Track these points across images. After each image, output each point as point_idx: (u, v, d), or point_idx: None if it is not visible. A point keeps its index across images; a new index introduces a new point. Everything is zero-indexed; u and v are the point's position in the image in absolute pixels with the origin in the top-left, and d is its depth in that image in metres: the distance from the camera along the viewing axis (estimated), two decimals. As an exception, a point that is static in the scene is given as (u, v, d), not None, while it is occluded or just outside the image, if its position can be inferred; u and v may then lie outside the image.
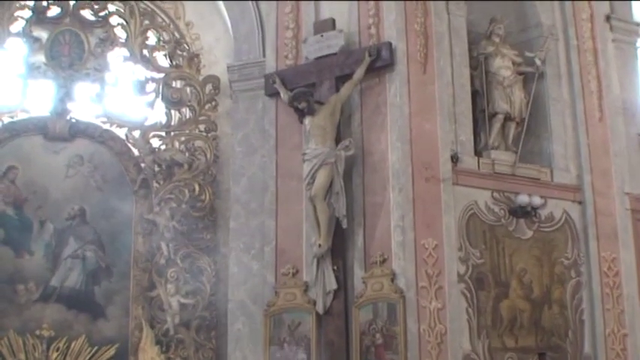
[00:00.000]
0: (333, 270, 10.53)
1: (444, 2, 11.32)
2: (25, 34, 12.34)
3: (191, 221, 11.98)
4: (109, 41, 12.53)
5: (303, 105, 10.86)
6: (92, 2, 12.61)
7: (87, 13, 12.63)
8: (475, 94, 11.47)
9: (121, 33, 12.63)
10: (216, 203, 12.22)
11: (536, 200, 11.04)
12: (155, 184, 12.03)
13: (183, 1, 13.13)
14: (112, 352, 11.47)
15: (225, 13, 12.65)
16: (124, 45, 12.60)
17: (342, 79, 11.04)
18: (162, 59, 12.75)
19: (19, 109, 12.16)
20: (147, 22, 12.74)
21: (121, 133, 12.26)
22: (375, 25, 11.12)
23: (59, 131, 11.95)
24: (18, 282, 11.45)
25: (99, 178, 11.98)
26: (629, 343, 11.21)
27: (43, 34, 12.43)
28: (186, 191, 12.04)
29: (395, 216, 10.34)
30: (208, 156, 12.32)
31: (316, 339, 10.46)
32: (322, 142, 10.64)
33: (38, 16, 12.44)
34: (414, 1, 11.02)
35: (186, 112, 12.51)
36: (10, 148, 11.85)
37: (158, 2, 13.11)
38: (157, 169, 12.08)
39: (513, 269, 10.88)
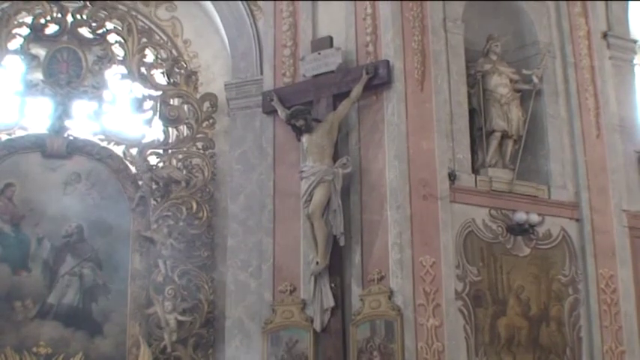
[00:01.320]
0: (331, 287, 10.51)
1: (441, 20, 11.35)
2: (23, 51, 12.35)
3: (188, 239, 11.97)
4: (107, 59, 12.54)
5: (300, 123, 10.85)
6: (90, 20, 12.63)
7: (85, 31, 12.63)
8: (472, 112, 11.49)
9: (118, 51, 12.64)
10: (214, 221, 12.21)
11: (534, 218, 11.04)
12: (152, 202, 12.03)
13: (181, 19, 13.16)
14: (109, 369, 11.50)
15: (222, 31, 12.68)
16: (121, 63, 12.60)
17: (339, 97, 11.04)
18: (159, 77, 12.75)
19: (16, 127, 12.15)
20: (144, 39, 12.75)
21: (118, 150, 12.26)
22: (372, 43, 11.14)
23: (57, 149, 11.95)
24: (15, 299, 11.43)
25: (96, 195, 11.97)
26: (626, 361, 11.23)
27: (40, 52, 12.44)
28: (184, 209, 12.04)
29: (392, 234, 10.34)
30: (206, 173, 12.32)
31: (314, 357, 10.43)
32: (320, 159, 10.64)
33: (36, 34, 12.44)
34: (412, 19, 11.06)
35: (184, 130, 12.52)
36: (7, 165, 11.84)
37: (156, 20, 13.14)
38: (154, 186, 12.09)
39: (511, 287, 10.87)
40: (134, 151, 12.28)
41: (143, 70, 12.63)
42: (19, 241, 11.67)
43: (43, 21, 12.50)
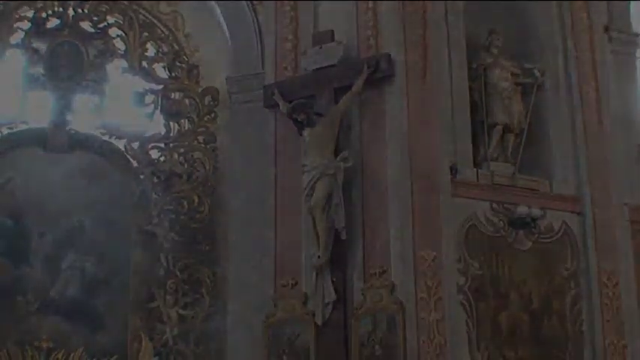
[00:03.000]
0: (333, 281, 10.50)
1: (442, 14, 11.32)
2: (25, 45, 12.39)
3: (190, 233, 12.00)
4: (108, 53, 12.58)
5: (302, 117, 10.85)
6: (91, 14, 12.63)
7: (86, 25, 12.66)
8: (474, 106, 11.44)
9: (120, 45, 12.68)
10: (215, 215, 12.22)
11: (536, 211, 11.00)
12: (154, 196, 12.04)
13: (183, 13, 13.16)
14: (110, 363, 11.51)
15: (224, 25, 12.65)
16: (122, 56, 12.64)
17: (341, 91, 11.00)
18: (161, 71, 12.78)
19: (18, 121, 12.18)
20: (146, 33, 12.78)
21: (120, 144, 12.28)
22: (373, 36, 11.11)
23: (58, 143, 11.97)
24: (17, 293, 11.46)
25: (98, 189, 11.99)
26: (628, 355, 11.16)
27: (42, 46, 12.45)
28: (185, 203, 12.07)
29: (394, 227, 10.31)
30: (207, 167, 12.35)
31: (315, 350, 10.42)
32: (321, 153, 10.62)
33: (37, 28, 12.46)
34: (413, 13, 11.04)
35: (185, 124, 12.54)
36: (9, 159, 11.87)
37: (157, 14, 13.13)
38: (155, 180, 12.10)
39: (513, 280, 10.84)
40: (135, 145, 12.30)
41: (144, 64, 12.67)
42: (21, 235, 11.70)
43: (44, 15, 12.54)
